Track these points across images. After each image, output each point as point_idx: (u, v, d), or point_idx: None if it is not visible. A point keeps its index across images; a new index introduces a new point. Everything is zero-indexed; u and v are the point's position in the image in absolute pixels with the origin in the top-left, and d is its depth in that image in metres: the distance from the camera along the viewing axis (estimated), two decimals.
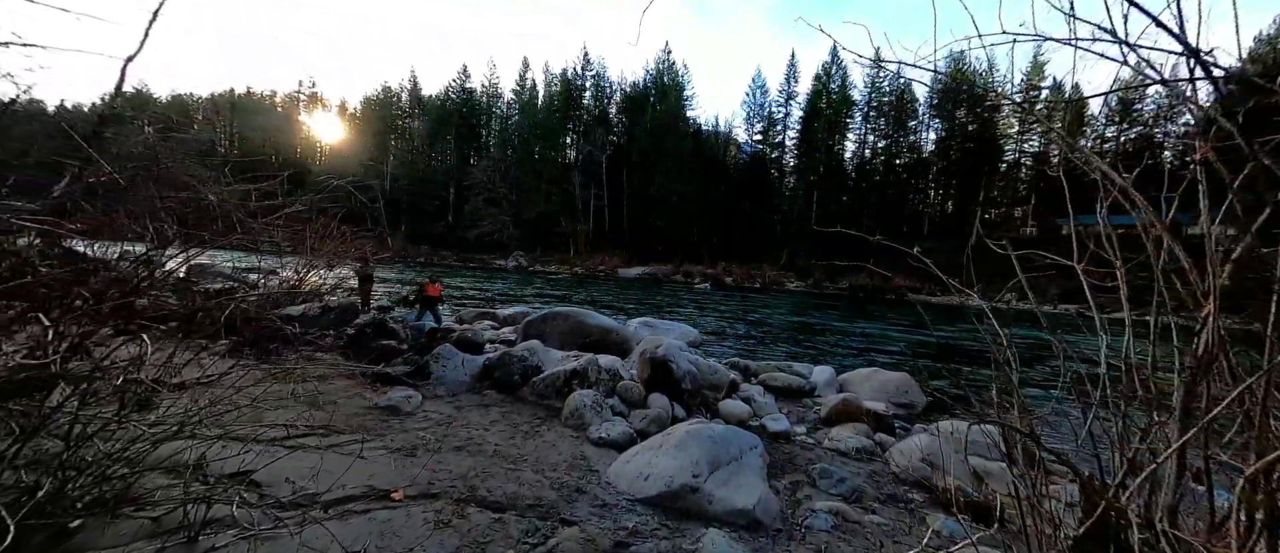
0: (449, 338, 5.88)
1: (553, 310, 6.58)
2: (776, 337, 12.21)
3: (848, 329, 15.11)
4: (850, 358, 9.54)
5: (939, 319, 21.38)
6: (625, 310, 16.98)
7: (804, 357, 8.97)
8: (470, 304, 15.92)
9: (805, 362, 8.29)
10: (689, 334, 9.87)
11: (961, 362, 9.96)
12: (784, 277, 46.86)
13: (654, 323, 9.88)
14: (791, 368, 6.28)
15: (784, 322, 16.14)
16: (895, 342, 12.90)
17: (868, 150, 54.47)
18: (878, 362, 9.00)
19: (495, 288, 23.99)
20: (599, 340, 6.13)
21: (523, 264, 51.83)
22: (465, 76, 65.22)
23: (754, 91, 56.82)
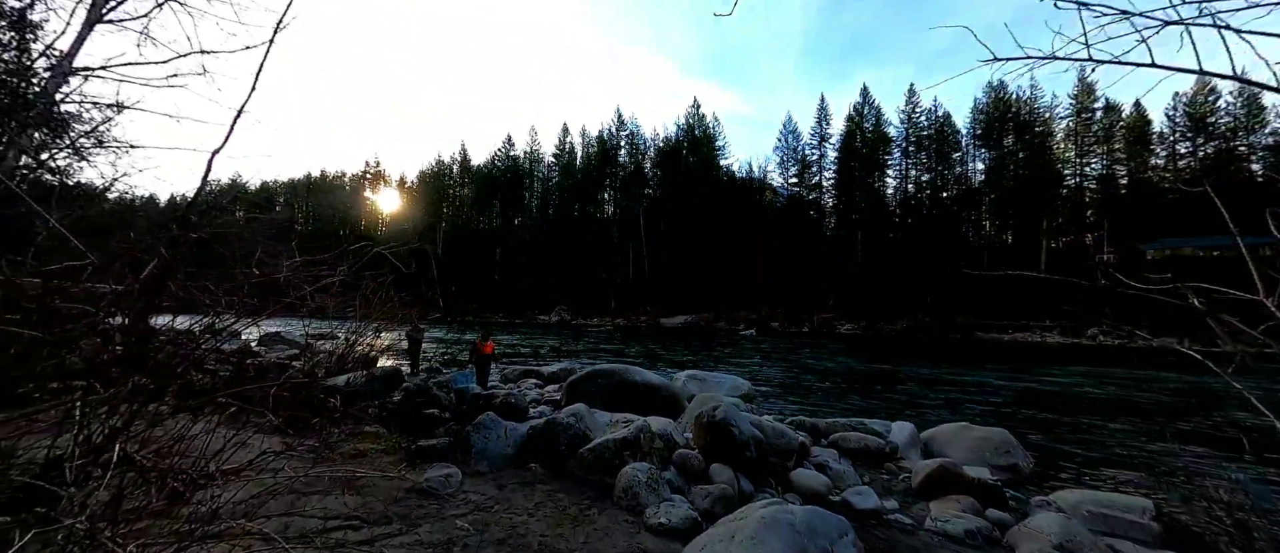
0: (492, 403, 5.67)
1: (596, 368, 6.31)
2: (839, 387, 11.25)
3: (918, 375, 13.83)
4: (930, 410, 8.54)
5: (1016, 360, 19.27)
6: (671, 361, 16.42)
7: (875, 410, 8.09)
8: (515, 361, 15.92)
9: (877, 417, 7.47)
10: (741, 387, 9.22)
11: (1058, 411, 8.73)
12: (833, 320, 44.75)
13: (703, 376, 9.32)
14: (866, 425, 5.55)
15: (844, 368, 15.01)
16: (974, 388, 11.61)
17: (911, 185, 52.85)
18: (966, 413, 7.99)
19: (539, 342, 24.12)
20: (646, 399, 5.78)
21: (566, 318, 52.43)
22: (510, 145, 69.83)
23: (785, 136, 57.26)
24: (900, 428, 5.52)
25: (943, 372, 14.93)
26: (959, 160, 50.22)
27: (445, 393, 5.53)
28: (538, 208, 67.02)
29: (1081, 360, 20.02)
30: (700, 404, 4.75)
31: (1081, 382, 13.03)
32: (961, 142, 50.49)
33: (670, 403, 5.90)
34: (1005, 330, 37.44)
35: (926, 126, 51.74)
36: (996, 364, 17.79)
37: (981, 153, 49.29)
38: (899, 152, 52.80)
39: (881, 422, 5.80)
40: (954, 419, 7.37)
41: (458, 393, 5.97)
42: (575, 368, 11.76)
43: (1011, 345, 31.79)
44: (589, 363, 15.31)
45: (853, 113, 53.69)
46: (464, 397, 5.68)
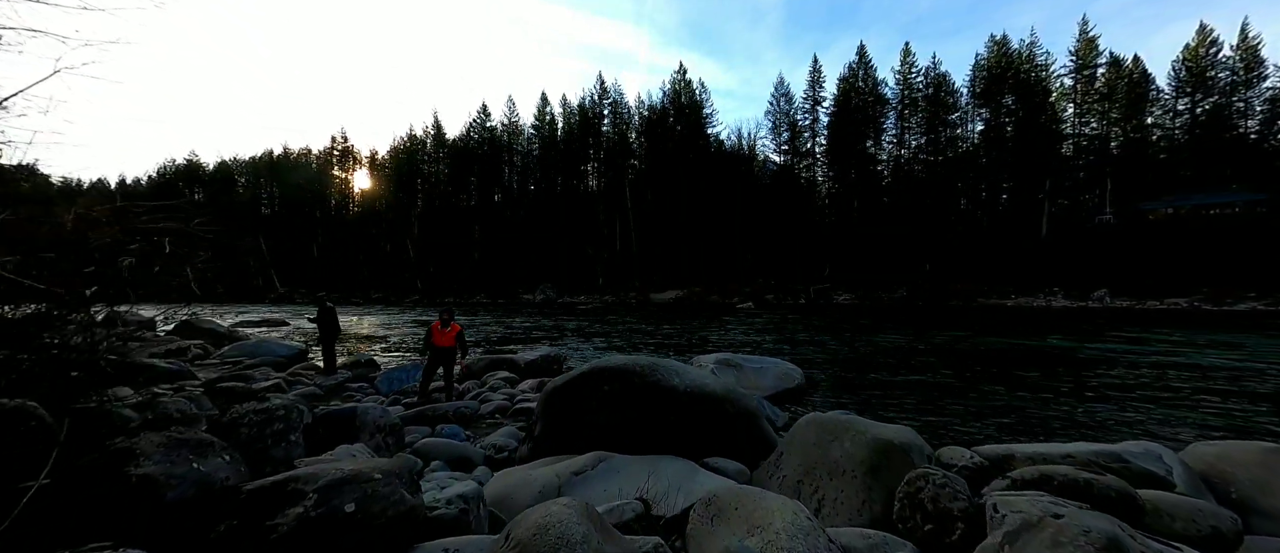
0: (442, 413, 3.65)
1: (600, 365, 3.55)
2: (905, 370, 9.38)
3: (994, 347, 12.15)
4: (1042, 406, 6.74)
5: (1050, 325, 17.81)
6: (672, 343, 14.56)
7: (994, 409, 6.23)
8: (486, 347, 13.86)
9: (998, 420, 5.67)
10: (792, 375, 7.36)
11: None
12: (830, 290, 43.42)
13: (738, 361, 7.42)
14: (1120, 458, 2.74)
15: (893, 345, 13.25)
16: (1094, 363, 9.95)
17: (905, 150, 51.09)
18: (1150, 409, 6.20)
19: (522, 323, 22.08)
20: (695, 420, 3.25)
21: (551, 296, 50.34)
22: (486, 116, 65.98)
23: (777, 100, 54.70)
24: (1164, 454, 2.87)
25: (1020, 340, 13.31)
26: (957, 121, 48.40)
27: (363, 409, 3.48)
28: (518, 182, 63.86)
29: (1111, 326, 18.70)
30: (822, 433, 2.63)
31: (1180, 347, 11.50)
32: (959, 102, 48.56)
33: (737, 428, 3.31)
34: (1007, 296, 36.45)
35: (923, 86, 49.66)
36: (1060, 332, 16.32)
37: (982, 113, 47.47)
38: (894, 114, 50.78)
39: (1138, 447, 3.29)
40: (1179, 424, 5.61)
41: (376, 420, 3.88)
42: (563, 358, 9.72)
43: (1017, 311, 30.70)
44: (579, 349, 13.23)
45: (848, 73, 51.26)
46: (375, 416, 3.56)
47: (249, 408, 2.90)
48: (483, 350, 13.11)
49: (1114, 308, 31.31)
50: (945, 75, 48.68)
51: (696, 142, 54.45)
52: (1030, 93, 44.70)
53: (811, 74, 53.40)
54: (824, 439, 2.66)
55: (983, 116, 48.09)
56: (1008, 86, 45.75)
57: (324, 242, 70.02)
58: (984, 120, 47.80)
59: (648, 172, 55.01)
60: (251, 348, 11.62)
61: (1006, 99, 46.10)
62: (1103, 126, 45.70)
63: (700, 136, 55.24)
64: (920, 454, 2.49)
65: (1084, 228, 39.56)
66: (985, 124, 47.50)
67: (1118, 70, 45.00)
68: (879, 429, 2.62)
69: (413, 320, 25.78)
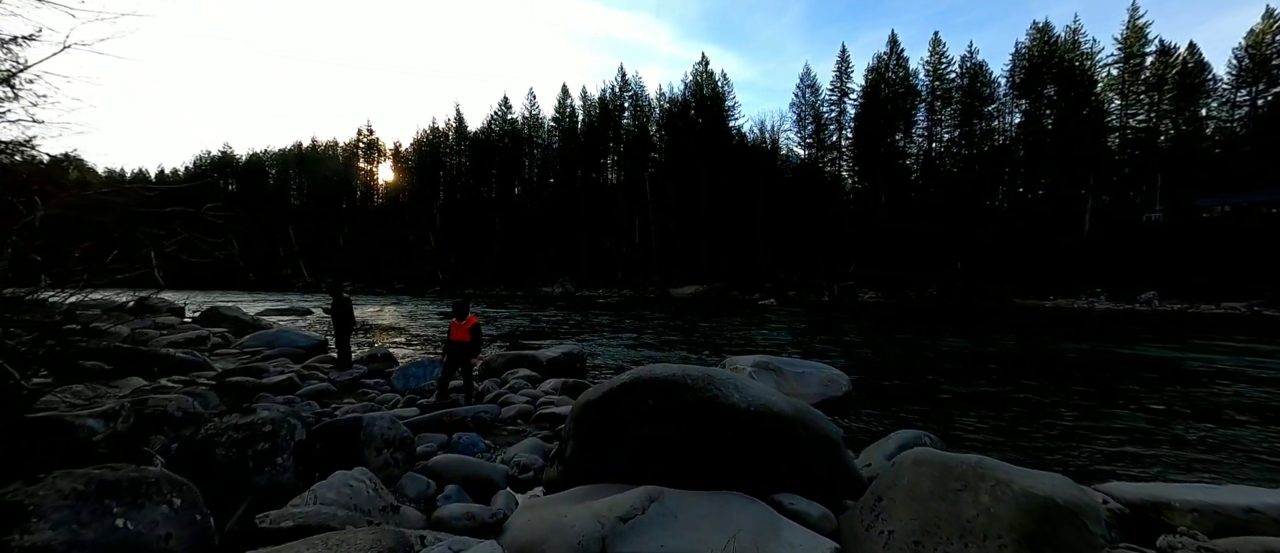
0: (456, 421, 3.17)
1: (642, 377, 2.90)
2: (975, 378, 8.62)
3: (1077, 354, 11.26)
4: (1125, 425, 5.97)
5: (1077, 328, 16.49)
6: (695, 340, 13.95)
7: (1071, 430, 5.51)
8: (507, 343, 13.50)
9: (1073, 441, 4.99)
10: (838, 382, 6.71)
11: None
12: (854, 287, 42.08)
13: (778, 365, 6.79)
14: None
15: (951, 349, 12.42)
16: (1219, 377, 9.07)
17: (937, 144, 49.07)
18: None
19: (541, 317, 21.74)
20: (757, 449, 2.69)
21: (570, 289, 50.16)
22: (506, 108, 65.93)
23: (803, 91, 53.12)
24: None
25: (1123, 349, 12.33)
26: (994, 113, 46.19)
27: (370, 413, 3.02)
28: (538, 175, 63.70)
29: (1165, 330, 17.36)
30: (943, 480, 1.98)
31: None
32: (997, 93, 46.33)
33: (811, 457, 2.71)
34: (1046, 297, 34.65)
35: (956, 77, 47.53)
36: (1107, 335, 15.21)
37: (1020, 104, 45.20)
38: (925, 106, 48.76)
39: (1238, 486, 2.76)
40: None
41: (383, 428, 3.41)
42: (585, 356, 9.23)
43: (1056, 313, 29.15)
44: (601, 346, 12.68)
45: (877, 64, 49.40)
46: (377, 429, 3.06)
47: (228, 424, 2.43)
48: (504, 345, 12.74)
49: (1163, 311, 29.47)
50: (982, 65, 46.52)
51: (718, 134, 53.33)
52: (1074, 83, 42.31)
53: (839, 64, 51.68)
54: (947, 488, 2.05)
55: (1021, 108, 45.78)
56: (1050, 76, 43.41)
57: (349, 232, 71.22)
58: (1023, 112, 45.50)
59: (668, 165, 54.16)
60: (271, 338, 11.47)
61: (1048, 89, 43.76)
62: (1151, 118, 43.02)
63: (722, 129, 54.09)
64: (1095, 519, 1.87)
65: (1131, 226, 37.30)
66: (1024, 116, 45.21)
67: (1167, 59, 42.25)
68: (1027, 479, 1.99)
69: (435, 312, 25.73)
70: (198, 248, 5.91)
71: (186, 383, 6.18)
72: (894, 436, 3.99)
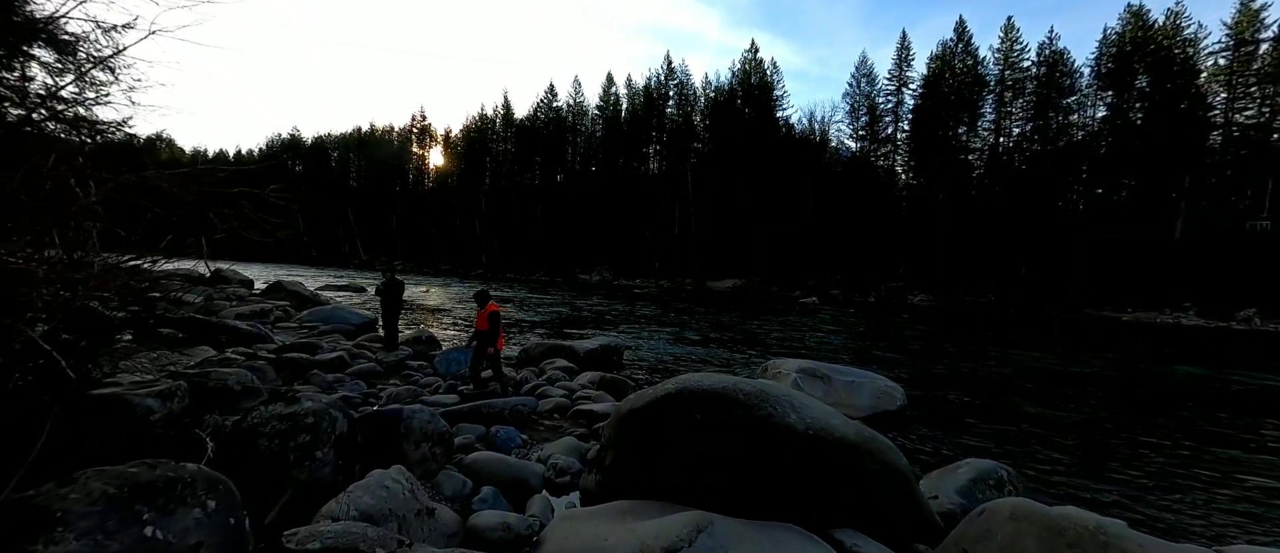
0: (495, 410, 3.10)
1: (689, 387, 2.68)
2: (1036, 404, 7.91)
3: None
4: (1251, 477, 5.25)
5: (1165, 347, 14.69)
6: (733, 337, 13.58)
7: (1191, 477, 4.81)
8: (547, 330, 13.63)
9: (1194, 491, 4.44)
10: (891, 395, 6.28)
11: None
12: (903, 289, 39.97)
13: (825, 372, 6.42)
14: None
15: (996, 361, 11.60)
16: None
17: (1004, 138, 45.49)
18: None
19: (579, 305, 21.91)
20: (822, 474, 2.42)
21: (607, 277, 50.49)
22: (552, 95, 66.60)
23: (857, 80, 50.55)
24: None
25: None
26: (1073, 106, 42.28)
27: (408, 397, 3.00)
28: (581, 163, 64.15)
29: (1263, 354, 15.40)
30: (1050, 541, 1.68)
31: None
32: (1078, 84, 42.32)
33: (878, 492, 2.44)
34: (1123, 309, 31.63)
35: (1031, 66, 43.73)
36: (1207, 359, 13.72)
37: (1106, 97, 41.16)
38: (993, 97, 45.22)
39: None
40: None
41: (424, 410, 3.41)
42: (622, 349, 9.12)
43: (1135, 327, 26.56)
44: (638, 338, 12.56)
45: (941, 51, 46.22)
46: (417, 423, 3.03)
47: (273, 413, 2.43)
48: (544, 333, 12.87)
49: (1263, 331, 26.33)
50: (1063, 53, 42.56)
51: (764, 125, 51.73)
52: (1171, 72, 37.96)
53: (898, 52, 48.77)
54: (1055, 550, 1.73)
55: (1106, 101, 41.60)
56: (1143, 65, 39.13)
57: (402, 214, 74.61)
58: (1107, 105, 41.35)
59: (711, 155, 53.12)
60: (327, 314, 12.06)
61: (1139, 80, 39.48)
62: (1263, 114, 38.03)
63: (769, 120, 52.42)
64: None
65: (1231, 234, 33.28)
66: (1109, 109, 41.07)
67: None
68: (1159, 550, 1.65)
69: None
70: (263, 227, 6.16)
71: (248, 356, 6.53)
72: (965, 465, 3.61)
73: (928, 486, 3.65)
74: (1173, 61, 38.44)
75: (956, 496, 3.23)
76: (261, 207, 6.52)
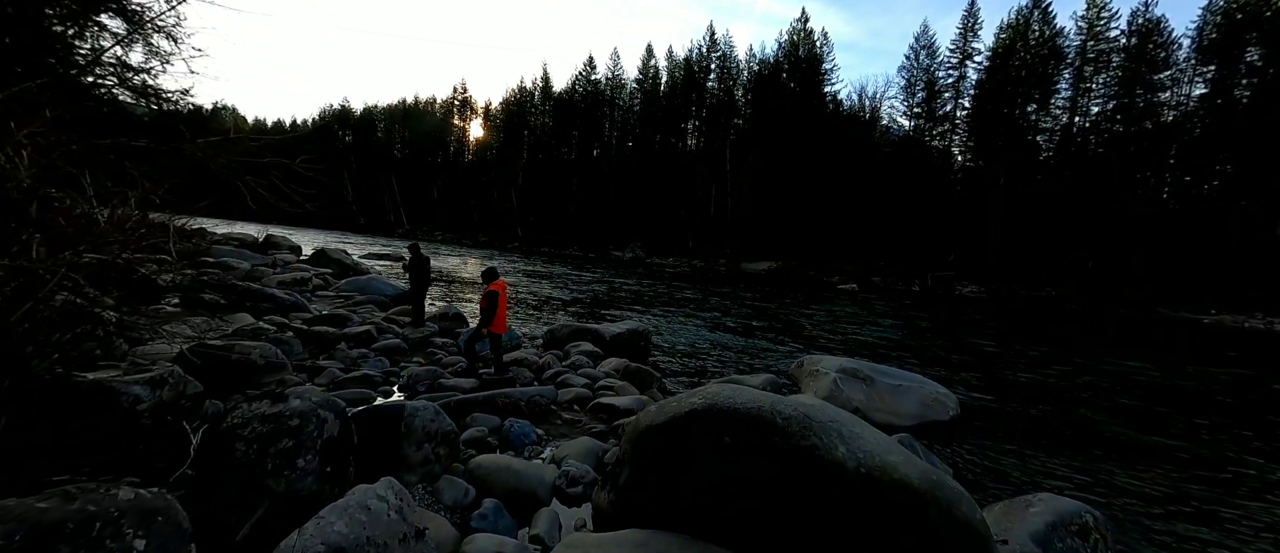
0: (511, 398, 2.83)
1: (718, 405, 2.35)
2: (1118, 423, 7.08)
3: None
4: None
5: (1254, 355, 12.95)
6: (768, 326, 13.01)
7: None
8: (576, 309, 13.48)
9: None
10: (944, 402, 5.70)
11: None
12: (954, 279, 37.62)
13: (868, 373, 5.91)
14: None
15: (1065, 366, 10.65)
16: None
17: (1080, 118, 41.36)
18: None
19: (611, 283, 21.73)
20: (875, 521, 2.01)
21: (640, 255, 50.19)
22: (591, 68, 65.55)
23: (917, 52, 46.98)
24: None
25: None
26: (1166, 83, 37.81)
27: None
28: (618, 138, 63.32)
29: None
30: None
31: None
32: (1175, 57, 37.71)
33: (944, 547, 2.01)
34: (1204, 311, 28.61)
35: (1120, 36, 39.21)
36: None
37: (1206, 72, 36.57)
38: (1071, 71, 40.98)
39: None
40: None
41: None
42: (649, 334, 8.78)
43: (1216, 330, 24.02)
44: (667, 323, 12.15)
45: (1015, 19, 42.13)
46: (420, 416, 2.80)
47: (255, 413, 2.22)
48: (574, 313, 12.75)
49: None
50: (1159, 22, 37.92)
51: (811, 101, 49.16)
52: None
53: (964, 20, 44.80)
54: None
55: (1206, 77, 36.87)
56: (1256, 36, 34.27)
57: (443, 185, 76.45)
58: (1208, 82, 36.65)
59: (752, 132, 51.12)
60: (363, 284, 12.31)
61: (1250, 53, 34.66)
62: None
63: (816, 95, 49.76)
64: None
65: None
66: (1209, 86, 36.43)
67: None
68: None
69: (515, 268, 26.80)
70: (293, 197, 6.03)
71: (280, 327, 6.61)
72: (1040, 502, 3.09)
73: (993, 522, 3.15)
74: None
75: (1032, 544, 2.74)
76: (292, 176, 6.40)
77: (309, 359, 5.70)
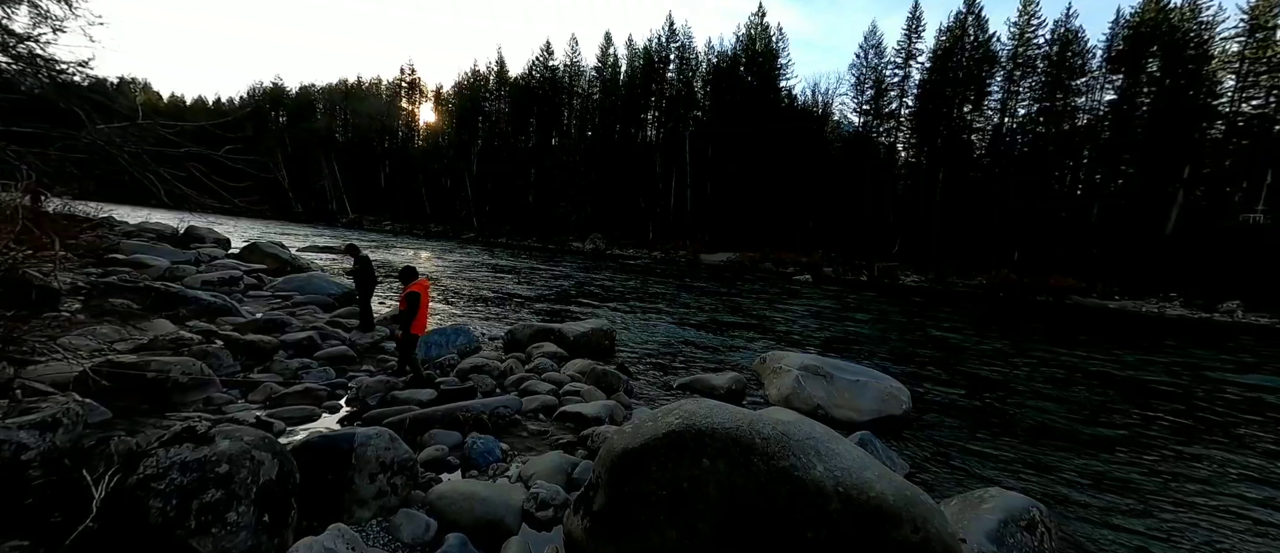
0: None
1: (697, 425, 2.31)
2: (1052, 409, 7.57)
3: None
4: None
5: (1146, 336, 14.70)
6: (731, 320, 13.22)
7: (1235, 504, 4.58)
8: (536, 304, 13.13)
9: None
10: (895, 396, 5.94)
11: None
12: (898, 269, 39.87)
13: (828, 370, 6.06)
14: None
15: (997, 354, 11.38)
16: None
17: (1010, 119, 44.57)
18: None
19: (571, 276, 21.39)
20: (852, 542, 2.02)
21: (600, 246, 49.82)
22: (548, 54, 63.81)
23: (866, 51, 48.84)
24: None
25: None
26: (1082, 88, 41.35)
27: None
28: (577, 127, 62.22)
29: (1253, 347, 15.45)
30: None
31: None
32: (1089, 65, 41.27)
33: None
34: (1110, 297, 31.86)
35: (1044, 44, 42.43)
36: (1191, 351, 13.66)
37: (1114, 80, 40.23)
38: (1003, 75, 44.02)
39: None
40: None
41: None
42: (613, 333, 8.68)
43: (1120, 314, 26.90)
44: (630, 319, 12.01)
45: (954, 23, 44.60)
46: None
47: (173, 460, 1.92)
48: (534, 312, 12.41)
49: (1244, 323, 26.95)
50: (1078, 31, 41.28)
51: (767, 95, 50.20)
52: (1183, 57, 37.07)
53: (909, 22, 46.96)
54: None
55: (1115, 84, 40.67)
56: (1156, 49, 38.09)
57: (391, 172, 72.47)
58: (1116, 89, 40.45)
59: (711, 124, 51.66)
60: (303, 282, 11.42)
61: (1151, 64, 38.51)
62: (1270, 104, 37.51)
63: (772, 89, 50.85)
64: None
65: (1223, 226, 33.38)
66: (1117, 93, 40.22)
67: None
68: None
69: (471, 262, 25.85)
70: (215, 191, 5.45)
71: (206, 335, 5.98)
72: (991, 499, 3.26)
73: (951, 518, 3.30)
74: (1187, 45, 37.45)
75: (988, 543, 2.88)
76: (218, 168, 5.78)
77: (241, 373, 5.19)
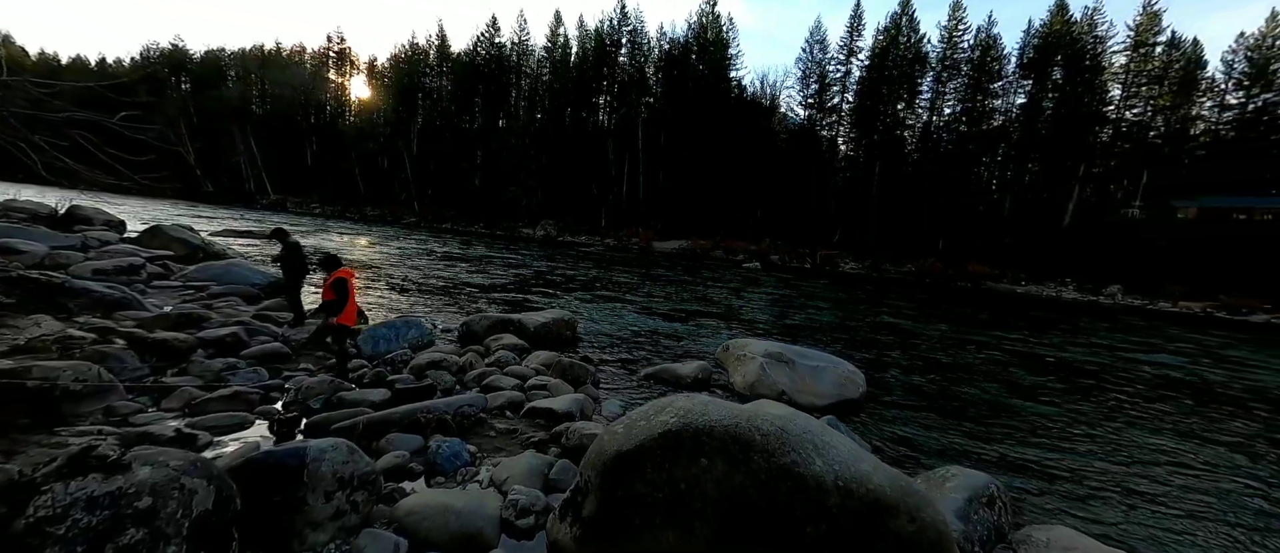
0: None
1: (695, 424, 2.24)
2: (983, 383, 8.18)
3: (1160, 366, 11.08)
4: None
5: (1048, 318, 16.79)
6: (688, 309, 13.34)
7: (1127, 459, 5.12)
8: (494, 295, 12.58)
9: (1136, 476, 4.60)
10: (854, 380, 6.16)
11: None
12: (837, 257, 42.17)
13: (790, 356, 6.19)
14: None
15: (939, 338, 12.16)
16: None
17: (938, 117, 48.03)
18: None
19: (525, 265, 20.72)
20: (851, 534, 2.02)
21: (551, 233, 48.76)
22: (495, 30, 60.84)
23: (811, 47, 50.54)
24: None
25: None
26: (999, 92, 45.19)
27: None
28: (525, 109, 60.01)
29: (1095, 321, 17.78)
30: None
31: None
32: (1005, 70, 45.12)
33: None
34: (1018, 282, 35.51)
35: (969, 49, 45.85)
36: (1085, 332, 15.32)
37: (1025, 85, 44.26)
38: (933, 75, 47.21)
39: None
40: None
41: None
42: (575, 322, 8.45)
43: (1026, 298, 30.12)
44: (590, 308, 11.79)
45: (889, 24, 47.06)
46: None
47: (78, 495, 1.55)
48: (490, 303, 11.90)
49: (1124, 306, 31.14)
50: (996, 38, 44.88)
51: (718, 84, 50.82)
52: (1080, 67, 41.47)
53: (851, 22, 49.06)
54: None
55: (1025, 89, 44.85)
56: (1059, 59, 42.32)
57: (318, 149, 66.64)
58: (1026, 93, 44.62)
59: (662, 111, 51.62)
60: (220, 271, 10.22)
61: (1055, 72, 42.78)
62: (1146, 113, 42.93)
63: (722, 79, 51.52)
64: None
65: (1108, 220, 38.13)
66: (1027, 97, 44.39)
67: (1174, 52, 41.68)
68: None
69: (416, 249, 24.36)
70: (110, 165, 4.78)
71: (104, 333, 5.15)
72: (953, 477, 3.45)
73: None
74: (1084, 56, 41.87)
75: (955, 520, 3.03)
76: (110, 138, 5.03)
77: (151, 377, 4.51)
